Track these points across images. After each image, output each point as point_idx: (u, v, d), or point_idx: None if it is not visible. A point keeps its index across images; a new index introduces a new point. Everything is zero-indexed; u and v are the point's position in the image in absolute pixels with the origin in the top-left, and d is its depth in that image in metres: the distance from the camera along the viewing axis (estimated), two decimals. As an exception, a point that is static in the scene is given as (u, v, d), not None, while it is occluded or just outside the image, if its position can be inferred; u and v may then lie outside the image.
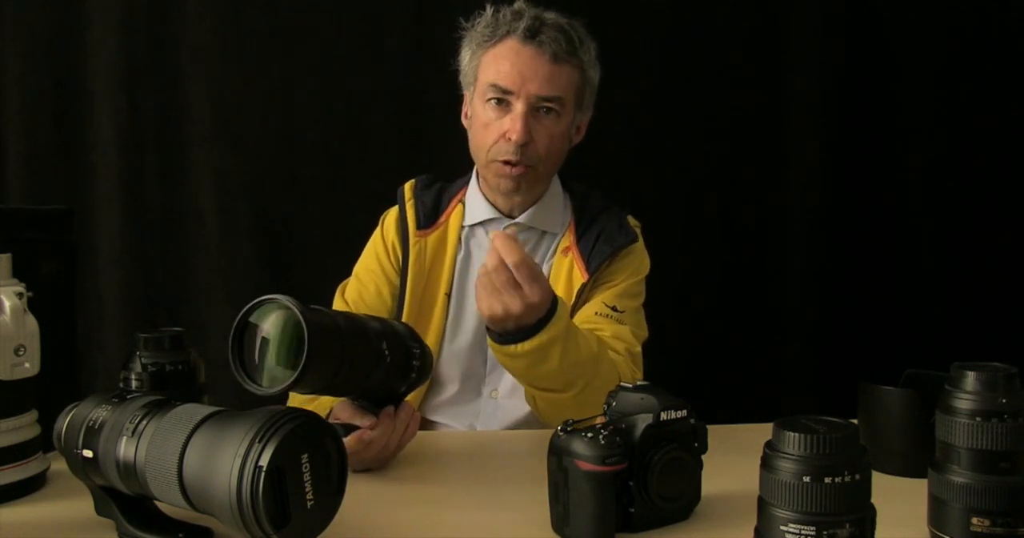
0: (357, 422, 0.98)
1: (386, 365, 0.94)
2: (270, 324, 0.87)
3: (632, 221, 1.39)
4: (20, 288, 0.92)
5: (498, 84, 1.25)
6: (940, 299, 1.96)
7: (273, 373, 0.85)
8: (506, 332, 1.03)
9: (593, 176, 1.54)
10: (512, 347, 1.02)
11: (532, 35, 1.24)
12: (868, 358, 1.88)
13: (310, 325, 0.83)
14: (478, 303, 1.02)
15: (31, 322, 0.92)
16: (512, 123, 1.24)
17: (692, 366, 1.90)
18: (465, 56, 1.33)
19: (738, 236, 1.95)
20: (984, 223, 1.97)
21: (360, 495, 0.79)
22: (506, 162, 1.26)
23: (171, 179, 1.87)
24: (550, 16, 1.27)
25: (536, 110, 1.25)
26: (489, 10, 1.30)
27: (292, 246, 1.87)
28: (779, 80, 1.93)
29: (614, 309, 1.26)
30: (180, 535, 0.78)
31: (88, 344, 1.82)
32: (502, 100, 1.26)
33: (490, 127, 1.27)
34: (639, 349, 1.26)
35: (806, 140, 1.95)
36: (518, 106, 1.24)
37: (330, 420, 1.02)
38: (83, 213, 1.79)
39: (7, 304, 0.90)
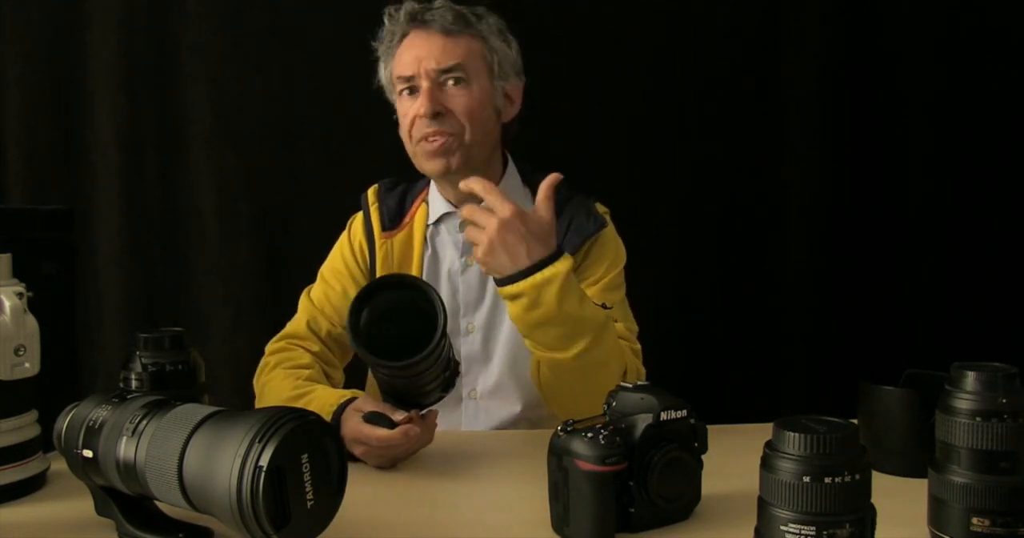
0: (390, 415, 0.99)
1: (445, 376, 0.96)
2: (389, 301, 0.95)
3: (601, 208, 1.37)
4: (20, 288, 0.92)
5: (402, 75, 1.28)
6: (940, 299, 1.96)
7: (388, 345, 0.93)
8: (508, 274, 1.04)
9: (591, 175, 1.54)
10: (511, 286, 1.03)
11: (415, 19, 1.28)
12: (868, 358, 1.88)
13: (443, 307, 0.91)
14: (491, 261, 1.04)
15: (31, 322, 0.92)
16: (420, 100, 1.26)
17: (692, 366, 1.89)
18: (381, 69, 1.36)
19: (738, 235, 1.95)
20: (984, 223, 1.96)
21: (360, 495, 0.79)
22: (425, 138, 1.27)
23: (171, 179, 1.87)
24: (437, 3, 1.30)
25: (442, 84, 1.27)
26: (386, 20, 1.33)
27: (292, 246, 1.87)
28: (779, 79, 1.93)
29: (603, 306, 1.25)
30: (180, 535, 0.78)
31: (88, 344, 1.82)
32: (411, 89, 1.29)
33: (407, 116, 1.29)
34: (638, 345, 1.26)
35: (806, 139, 1.94)
36: (423, 84, 1.26)
37: (352, 411, 1.03)
38: (83, 213, 1.79)
39: (7, 304, 0.90)
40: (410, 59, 1.27)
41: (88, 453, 0.76)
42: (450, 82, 1.26)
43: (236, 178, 1.86)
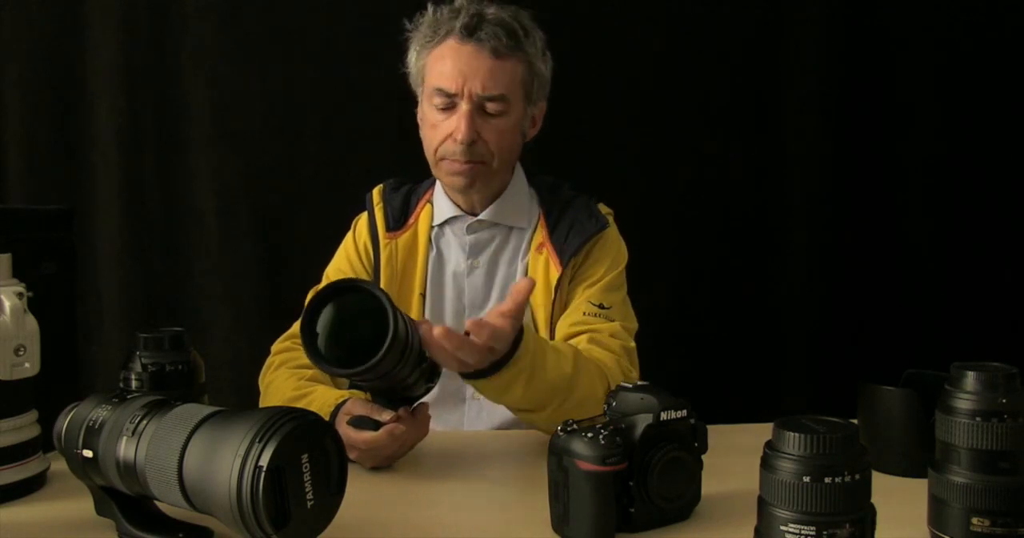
0: (377, 417, 0.99)
1: (423, 368, 0.96)
2: (333, 311, 0.91)
3: (604, 209, 1.37)
4: (20, 288, 0.92)
5: (441, 87, 1.25)
6: (940, 299, 1.96)
7: (337, 355, 0.90)
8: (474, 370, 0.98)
9: (591, 175, 1.54)
10: (475, 381, 0.99)
11: (470, 33, 1.24)
12: (868, 358, 1.88)
13: (394, 310, 0.87)
14: (442, 363, 0.97)
15: (31, 322, 0.92)
16: (457, 123, 1.24)
17: (692, 366, 1.89)
18: (411, 58, 1.33)
19: (738, 235, 1.95)
20: (984, 223, 1.96)
21: (360, 495, 0.79)
22: (454, 160, 1.26)
23: (171, 179, 1.87)
24: (490, 11, 1.26)
25: (481, 108, 1.25)
26: (430, 9, 1.29)
27: (292, 246, 1.87)
28: (779, 79, 1.93)
29: (601, 306, 1.25)
30: (180, 535, 0.78)
31: (88, 344, 1.82)
32: (448, 104, 1.26)
33: (438, 128, 1.27)
34: (633, 344, 1.24)
35: (806, 139, 1.94)
36: (463, 106, 1.24)
37: (342, 414, 1.02)
38: (83, 213, 1.79)
39: (7, 304, 0.90)
40: (453, 72, 1.24)
41: (88, 453, 0.76)
42: (489, 108, 1.25)
43: (236, 178, 1.86)
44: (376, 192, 1.40)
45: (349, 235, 1.41)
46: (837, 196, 1.95)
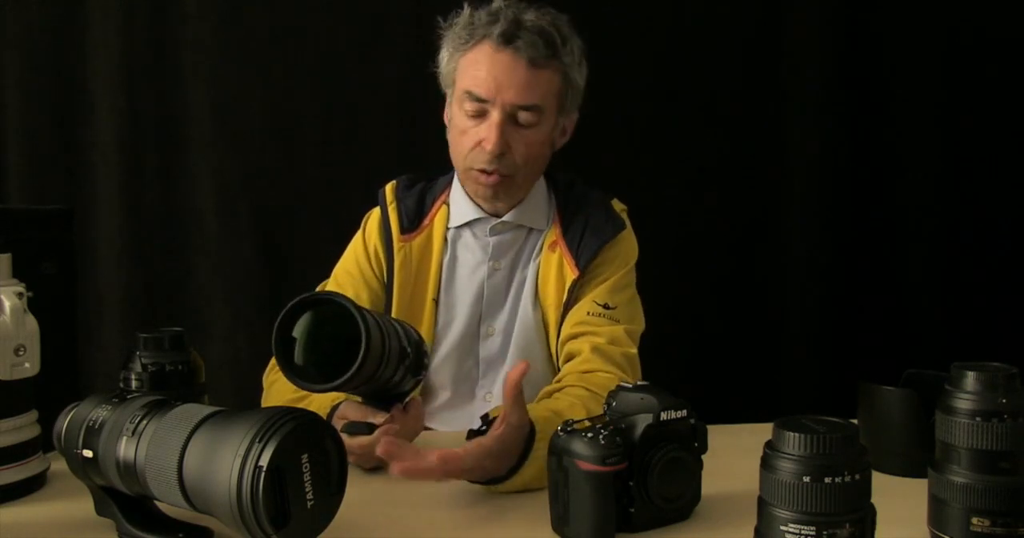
0: (371, 419, 0.98)
1: (407, 364, 0.95)
2: (309, 322, 0.91)
3: (618, 206, 1.35)
4: (20, 288, 0.92)
5: (473, 92, 1.21)
6: (940, 299, 1.96)
7: (314, 369, 0.89)
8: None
9: (592, 173, 1.54)
10: (494, 487, 0.93)
11: (508, 40, 1.20)
12: (868, 358, 1.88)
13: (366, 322, 0.86)
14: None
15: (31, 322, 0.92)
16: (488, 132, 1.21)
17: (692, 366, 1.89)
18: (444, 57, 1.29)
19: (738, 235, 1.95)
20: (984, 223, 1.97)
21: (360, 495, 0.79)
22: (482, 171, 1.24)
23: (171, 179, 1.87)
24: (529, 17, 1.22)
25: (513, 118, 1.22)
26: (466, 10, 1.26)
27: (292, 246, 1.87)
28: (779, 79, 1.94)
29: (606, 306, 1.24)
30: (180, 535, 0.78)
31: (88, 344, 1.82)
32: (479, 111, 1.23)
33: (467, 134, 1.24)
34: (635, 350, 1.23)
35: (806, 139, 1.95)
36: (494, 114, 1.21)
37: (336, 419, 1.02)
38: (83, 213, 1.79)
39: (7, 304, 0.90)
40: (487, 78, 1.20)
41: (88, 453, 0.76)
42: (522, 118, 1.22)
43: (236, 178, 1.86)
44: (389, 189, 1.35)
45: (359, 234, 1.36)
46: (837, 196, 1.95)
